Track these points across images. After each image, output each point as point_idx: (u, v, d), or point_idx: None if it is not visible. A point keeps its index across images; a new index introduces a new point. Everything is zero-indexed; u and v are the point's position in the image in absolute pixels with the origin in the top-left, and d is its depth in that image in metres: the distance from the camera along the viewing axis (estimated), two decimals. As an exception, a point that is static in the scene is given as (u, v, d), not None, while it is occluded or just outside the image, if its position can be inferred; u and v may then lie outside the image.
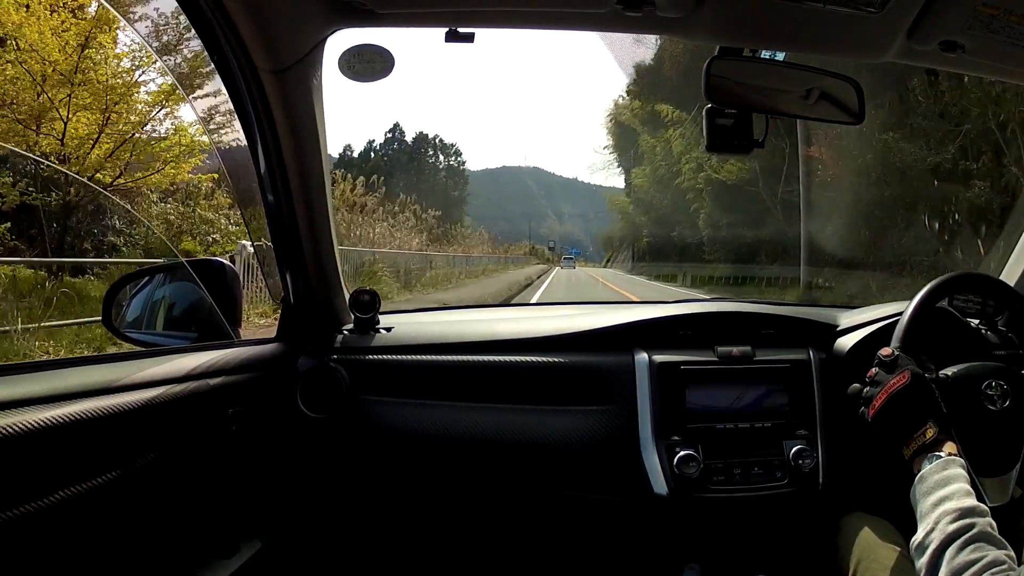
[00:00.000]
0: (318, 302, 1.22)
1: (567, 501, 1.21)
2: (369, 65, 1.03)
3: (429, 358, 1.23)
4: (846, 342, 1.24)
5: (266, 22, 0.91)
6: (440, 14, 0.99)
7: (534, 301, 10.80)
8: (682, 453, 1.13)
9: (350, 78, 1.03)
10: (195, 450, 0.94)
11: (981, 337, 1.17)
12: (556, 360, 1.22)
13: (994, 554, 0.72)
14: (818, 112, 1.10)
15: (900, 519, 0.95)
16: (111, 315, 1.15)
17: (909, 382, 0.92)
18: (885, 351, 0.97)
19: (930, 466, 0.84)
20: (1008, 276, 1.30)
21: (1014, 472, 0.95)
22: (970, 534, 0.74)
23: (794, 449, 1.16)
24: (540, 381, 1.21)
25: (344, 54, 1.02)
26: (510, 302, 9.73)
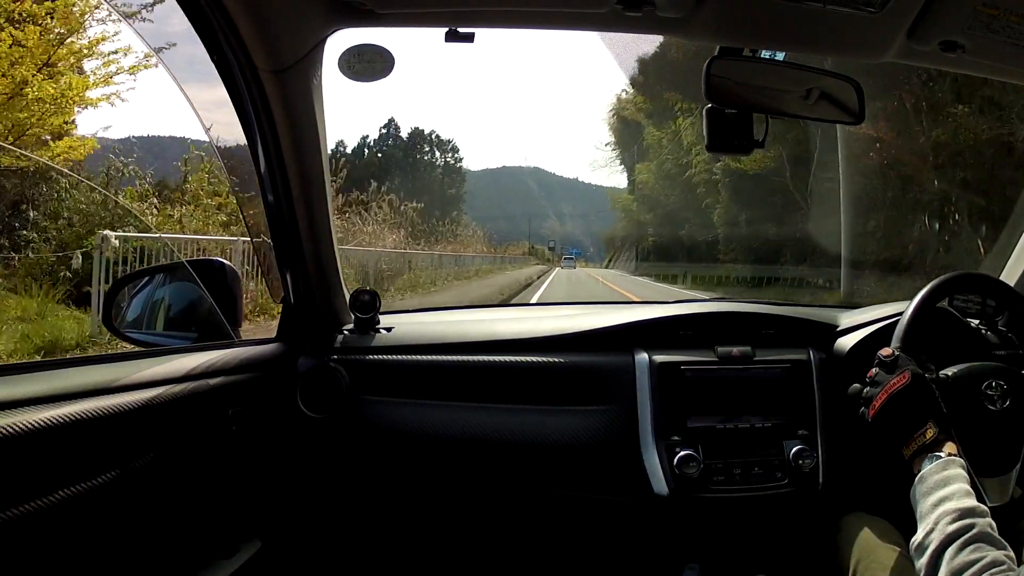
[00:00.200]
0: (318, 302, 1.22)
1: (567, 501, 1.21)
2: (369, 65, 1.03)
3: (429, 358, 1.23)
4: (846, 342, 1.24)
5: (266, 22, 0.91)
6: (440, 14, 0.99)
7: (534, 301, 10.80)
8: (682, 453, 1.13)
9: (350, 78, 1.03)
10: (195, 450, 0.94)
11: (981, 337, 1.17)
12: (556, 360, 1.22)
13: (994, 554, 0.72)
14: (818, 112, 1.10)
15: (900, 519, 0.95)
16: (111, 315, 1.16)
17: (909, 382, 0.92)
18: (885, 351, 0.98)
19: (930, 466, 0.84)
20: (1008, 276, 1.30)
21: (1014, 472, 0.95)
22: (970, 534, 0.74)
23: (794, 449, 1.16)
24: (540, 381, 1.21)
25: (344, 54, 1.02)
26: (510, 302, 9.73)
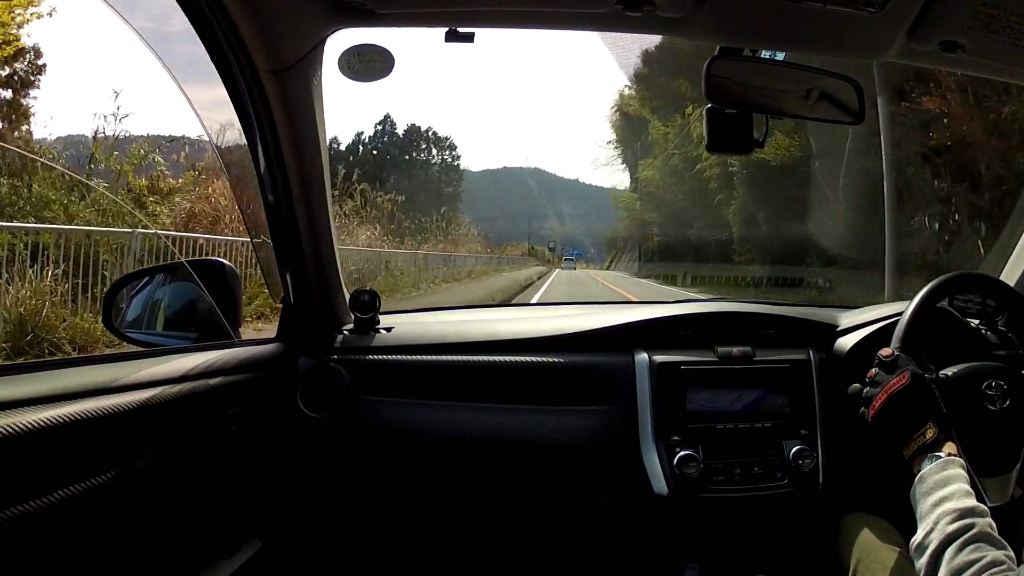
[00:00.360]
0: (318, 302, 1.22)
1: (567, 501, 1.21)
2: (369, 65, 1.04)
3: (429, 358, 1.23)
4: (846, 342, 1.24)
5: (266, 22, 0.91)
6: (440, 14, 1.00)
7: (534, 301, 10.80)
8: (682, 453, 1.13)
9: (350, 78, 1.03)
10: (195, 450, 0.94)
11: (981, 337, 1.17)
12: (556, 360, 1.22)
13: (993, 554, 0.72)
14: (818, 112, 1.10)
15: (900, 519, 0.95)
16: (111, 315, 1.16)
17: (909, 382, 0.91)
18: (885, 351, 0.97)
19: (930, 466, 0.84)
20: (1008, 276, 1.30)
21: (1014, 472, 0.95)
22: (970, 534, 0.74)
23: (794, 449, 1.16)
24: (540, 381, 1.21)
25: (344, 54, 1.02)
26: (510, 302, 9.73)
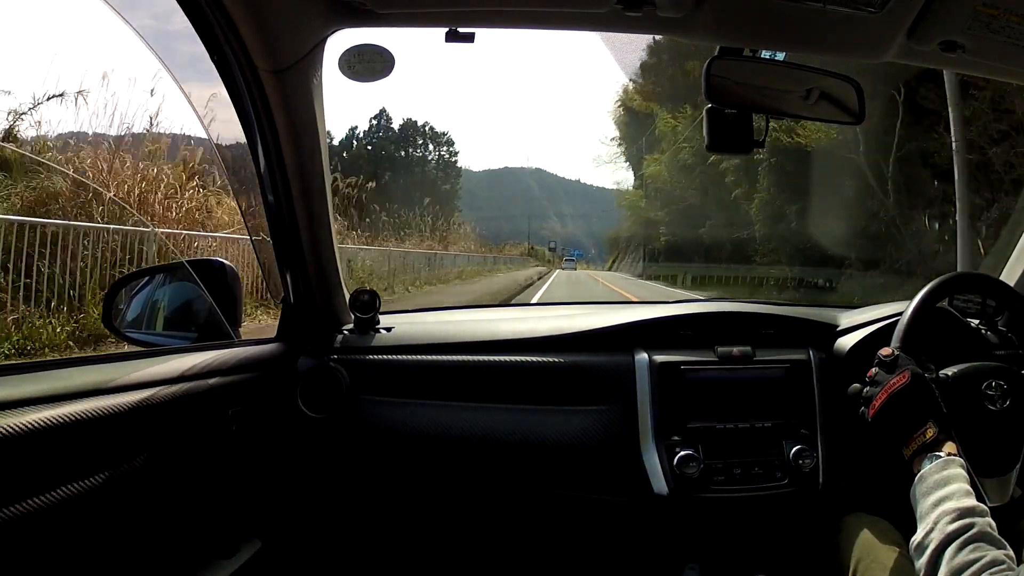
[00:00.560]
0: (318, 302, 1.22)
1: (567, 501, 1.21)
2: (369, 65, 1.04)
3: (429, 358, 1.23)
4: (846, 342, 1.24)
5: (266, 22, 0.91)
6: (440, 14, 0.99)
7: (534, 301, 10.81)
8: (682, 453, 1.13)
9: (350, 78, 1.03)
10: (195, 450, 0.94)
11: (981, 337, 1.17)
12: (556, 360, 1.22)
13: (993, 554, 0.72)
14: (818, 112, 1.10)
15: (900, 519, 0.95)
16: (111, 315, 1.16)
17: (909, 382, 0.91)
18: (885, 351, 0.97)
19: (930, 466, 0.84)
20: (1008, 276, 1.30)
21: (1014, 472, 0.95)
22: (969, 534, 0.74)
23: (794, 449, 1.16)
24: (540, 381, 1.21)
25: (344, 54, 1.02)
26: (510, 302, 9.73)
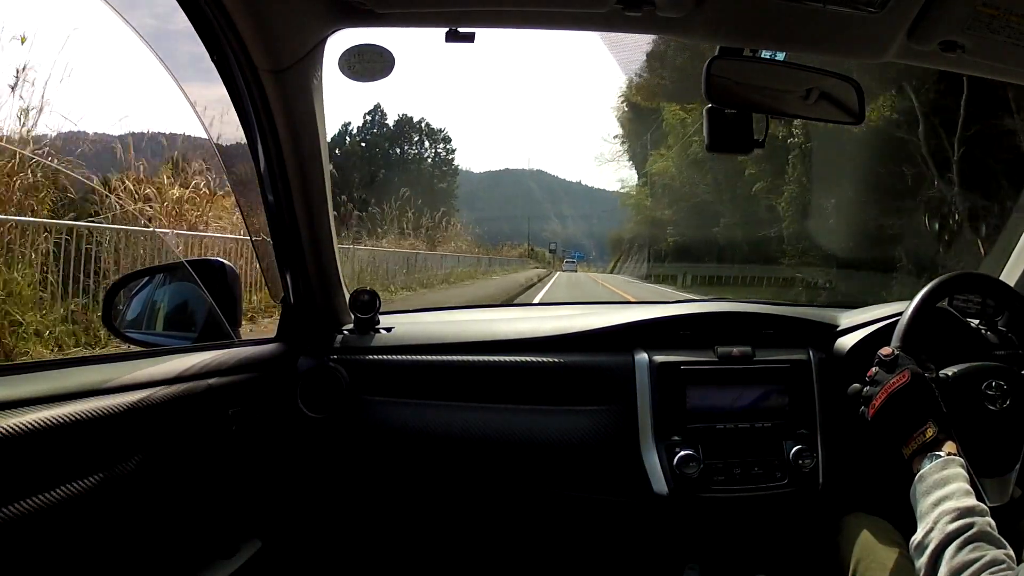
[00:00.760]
0: (318, 302, 1.22)
1: (568, 501, 1.21)
2: (369, 65, 1.04)
3: (429, 358, 1.23)
4: (846, 342, 1.24)
5: (266, 22, 0.91)
6: (440, 14, 0.99)
7: (536, 301, 10.81)
8: (682, 453, 1.13)
9: (350, 78, 1.03)
10: (195, 450, 0.94)
11: (981, 337, 1.17)
12: (556, 360, 1.22)
13: (993, 553, 0.72)
14: (818, 112, 1.10)
15: (900, 519, 0.95)
16: (111, 315, 1.16)
17: (909, 381, 0.91)
18: (885, 350, 0.97)
19: (930, 465, 0.84)
20: (1008, 276, 1.30)
21: (1014, 472, 0.95)
22: (969, 533, 0.74)
23: (794, 449, 1.16)
24: (541, 381, 1.21)
25: (344, 54, 1.02)
26: (511, 302, 9.73)
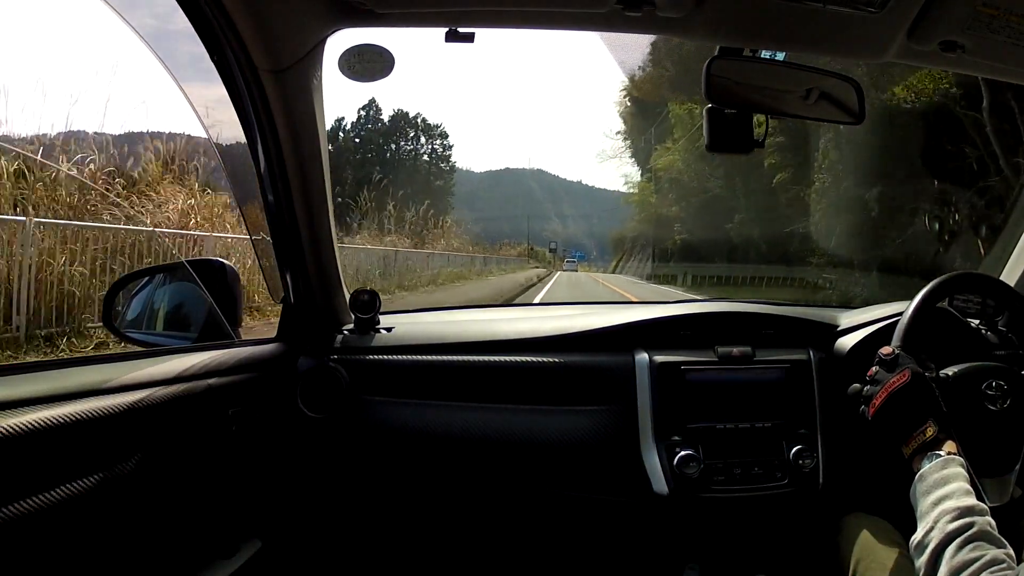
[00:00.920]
0: (318, 302, 1.22)
1: (568, 501, 1.21)
2: (369, 65, 1.04)
3: (430, 358, 1.23)
4: (846, 342, 1.24)
5: (266, 22, 0.91)
6: (440, 14, 0.99)
7: (536, 301, 10.81)
8: (682, 453, 1.13)
9: (350, 78, 1.03)
10: (195, 450, 0.94)
11: (981, 337, 1.17)
12: (557, 360, 1.22)
13: (993, 552, 0.72)
14: (818, 112, 1.10)
15: (900, 519, 0.95)
16: (111, 315, 1.16)
17: (909, 381, 0.91)
18: (885, 350, 0.97)
19: (930, 465, 0.84)
20: (1008, 276, 1.30)
21: (1014, 472, 0.95)
22: (969, 533, 0.74)
23: (794, 449, 1.16)
24: (541, 381, 1.21)
25: (344, 54, 1.02)
26: (512, 302, 9.73)
